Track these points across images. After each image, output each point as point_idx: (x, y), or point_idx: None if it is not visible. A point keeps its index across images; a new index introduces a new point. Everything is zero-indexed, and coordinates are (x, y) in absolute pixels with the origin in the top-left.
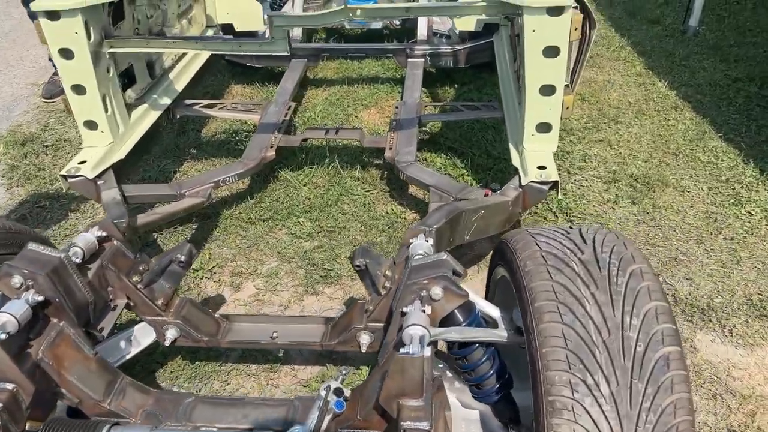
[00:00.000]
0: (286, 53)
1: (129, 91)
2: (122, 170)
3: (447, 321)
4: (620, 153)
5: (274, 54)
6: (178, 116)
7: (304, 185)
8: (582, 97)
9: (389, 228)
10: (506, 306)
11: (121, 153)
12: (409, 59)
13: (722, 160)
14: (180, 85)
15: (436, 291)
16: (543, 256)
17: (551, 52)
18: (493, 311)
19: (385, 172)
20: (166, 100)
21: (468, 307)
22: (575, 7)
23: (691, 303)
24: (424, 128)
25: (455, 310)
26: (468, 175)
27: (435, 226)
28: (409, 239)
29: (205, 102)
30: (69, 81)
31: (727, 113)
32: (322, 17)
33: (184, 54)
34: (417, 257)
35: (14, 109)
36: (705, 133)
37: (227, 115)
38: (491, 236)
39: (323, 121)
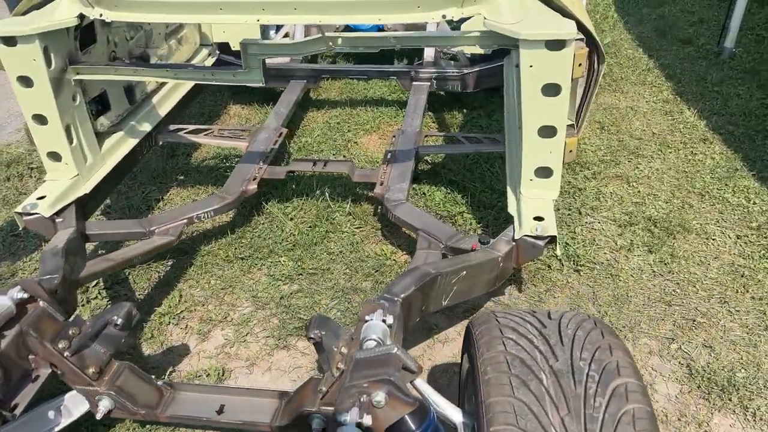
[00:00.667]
0: (261, 84)
1: (102, 119)
2: (91, 204)
3: (396, 428)
4: (639, 191)
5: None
6: (160, 143)
7: (291, 219)
8: (601, 126)
9: (376, 271)
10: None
11: (86, 187)
12: (414, 82)
13: (754, 203)
14: (163, 110)
15: (378, 397)
16: (507, 361)
17: (551, 90)
18: (455, 415)
19: (378, 207)
20: (146, 127)
21: (422, 411)
22: (580, 39)
23: (708, 377)
24: (426, 156)
25: (406, 416)
26: (468, 213)
27: (401, 296)
28: (365, 316)
29: (191, 127)
30: (29, 110)
31: (762, 147)
32: (300, 46)
33: None
34: (367, 344)
35: (7, 126)
36: (736, 171)
37: (213, 142)
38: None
39: (320, 147)
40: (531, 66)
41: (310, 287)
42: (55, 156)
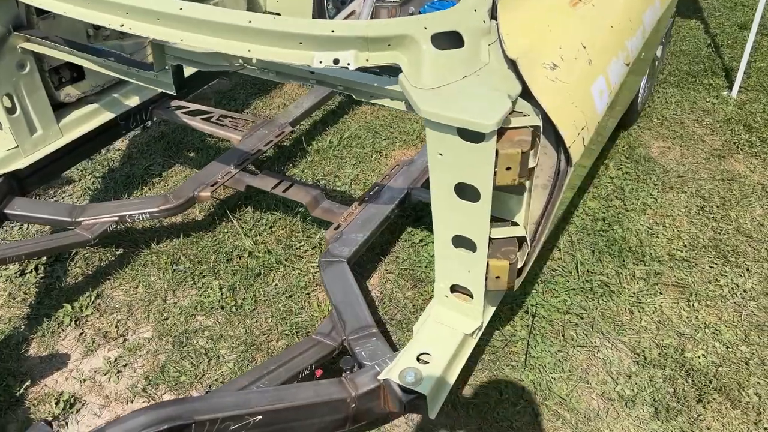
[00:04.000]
0: (172, 93)
1: (70, 88)
2: (32, 179)
3: None
4: (696, 318)
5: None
6: (155, 119)
7: (249, 237)
8: (702, 203)
9: (297, 332)
10: None
11: (24, 161)
12: None
13: None
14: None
15: None
16: None
17: (468, 192)
18: None
19: None
20: (134, 100)
21: None
22: (533, 127)
23: None
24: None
25: None
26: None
27: None
28: None
29: (192, 107)
30: None
31: None
32: (211, 56)
33: None
34: None
35: None
36: None
37: (206, 128)
38: None
39: (339, 153)
40: (440, 155)
41: (219, 330)
42: None
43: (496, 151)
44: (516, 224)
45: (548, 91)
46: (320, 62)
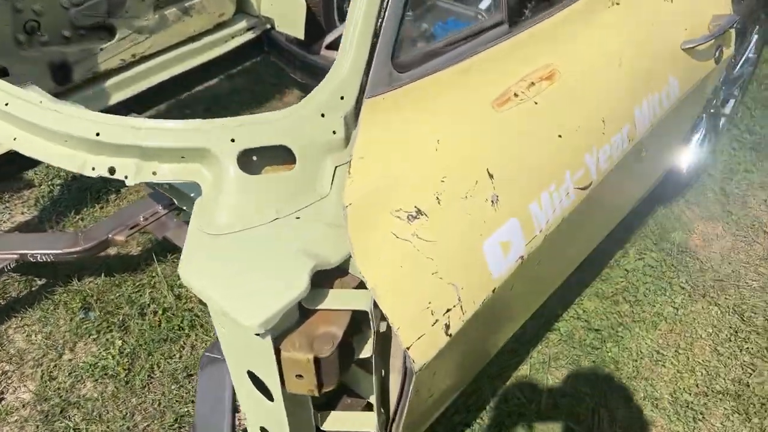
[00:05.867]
0: None
1: None
2: None
3: None
4: None
5: None
6: None
7: (171, 289)
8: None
9: (179, 428)
10: None
11: None
12: None
13: None
14: (121, 95)
15: None
16: None
17: (262, 387)
18: None
19: None
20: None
21: None
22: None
23: None
24: None
25: None
26: None
27: None
28: None
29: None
30: None
31: None
32: None
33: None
34: None
35: None
36: None
37: None
38: None
39: None
40: (223, 329)
41: (100, 406)
42: None
43: (278, 351)
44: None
45: (386, 258)
46: (93, 169)
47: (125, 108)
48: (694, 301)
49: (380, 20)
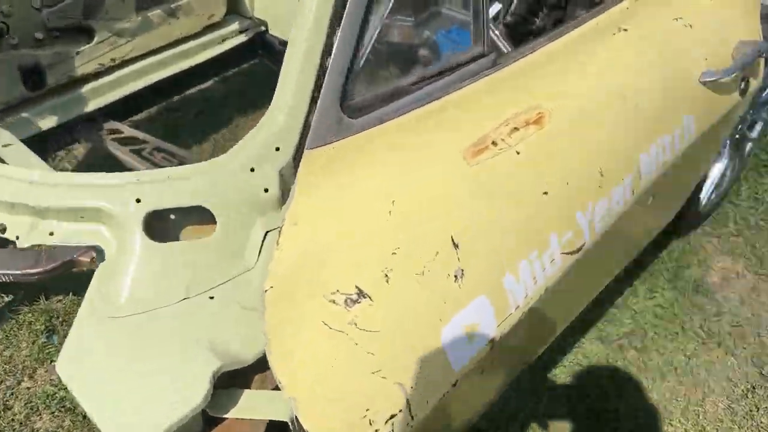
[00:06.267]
0: None
1: None
2: None
3: None
4: None
5: None
6: (80, 141)
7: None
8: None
9: None
10: None
11: None
12: None
13: None
14: (98, 102)
15: None
16: None
17: None
18: None
19: None
20: (46, 123)
21: None
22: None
23: None
24: None
25: None
26: None
27: None
28: None
29: (128, 133)
30: None
31: None
32: None
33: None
34: None
35: None
36: None
37: (129, 162)
38: None
39: None
40: None
41: None
42: None
43: None
44: None
45: (312, 357)
46: (51, 234)
47: (111, 113)
48: (709, 349)
49: (327, 54)
